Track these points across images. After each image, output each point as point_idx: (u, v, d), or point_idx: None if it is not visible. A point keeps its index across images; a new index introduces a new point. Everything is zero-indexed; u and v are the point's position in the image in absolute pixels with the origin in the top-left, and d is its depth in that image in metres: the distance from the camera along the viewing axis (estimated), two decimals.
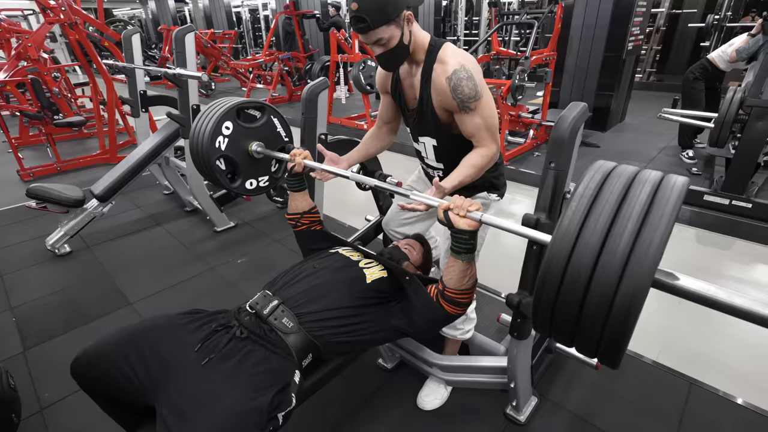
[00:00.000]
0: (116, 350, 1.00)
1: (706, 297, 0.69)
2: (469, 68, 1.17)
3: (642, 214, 0.66)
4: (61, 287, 2.30)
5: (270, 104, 1.60)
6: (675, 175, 0.72)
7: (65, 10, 3.63)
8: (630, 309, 0.64)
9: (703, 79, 3.66)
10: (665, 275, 0.71)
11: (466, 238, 1.05)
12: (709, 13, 6.11)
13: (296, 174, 1.43)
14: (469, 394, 1.59)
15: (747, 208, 2.68)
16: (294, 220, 1.48)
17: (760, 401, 1.53)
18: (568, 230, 0.69)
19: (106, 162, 4.32)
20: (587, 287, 0.67)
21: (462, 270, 1.10)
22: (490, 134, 1.24)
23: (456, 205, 1.04)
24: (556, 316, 0.73)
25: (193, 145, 1.50)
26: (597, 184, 0.73)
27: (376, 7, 1.10)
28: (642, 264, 0.64)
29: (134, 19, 15.93)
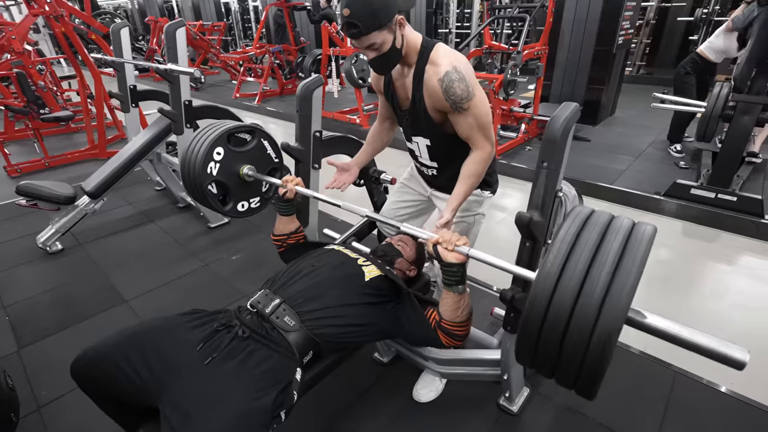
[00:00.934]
0: (117, 351, 1.00)
1: (671, 334, 0.77)
2: (460, 69, 1.18)
3: (616, 260, 0.74)
4: (54, 285, 2.29)
5: (259, 127, 1.64)
6: (644, 223, 0.81)
7: (50, 2, 3.55)
8: (605, 347, 0.71)
9: (694, 73, 3.70)
10: (636, 314, 0.78)
11: (454, 270, 1.09)
12: (697, 7, 6.16)
13: (287, 200, 1.45)
14: (463, 385, 1.63)
15: (732, 201, 2.75)
16: (280, 241, 1.50)
17: (743, 389, 1.59)
18: (550, 272, 0.76)
19: (95, 157, 4.27)
20: (567, 326, 0.74)
21: (455, 301, 1.14)
22: (484, 134, 1.26)
23: (444, 239, 1.07)
24: (538, 352, 0.80)
25: (185, 171, 1.53)
26: (576, 230, 0.81)
27: (368, 12, 1.11)
28: (616, 306, 0.71)
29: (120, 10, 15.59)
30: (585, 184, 3.30)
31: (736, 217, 2.71)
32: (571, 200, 1.23)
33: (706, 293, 2.27)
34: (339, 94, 6.47)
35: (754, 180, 3.23)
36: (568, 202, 1.21)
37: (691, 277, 2.41)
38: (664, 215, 2.98)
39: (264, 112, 6.21)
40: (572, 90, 4.84)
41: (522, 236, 1.10)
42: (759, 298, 2.19)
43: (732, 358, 0.71)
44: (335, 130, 4.93)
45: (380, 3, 1.12)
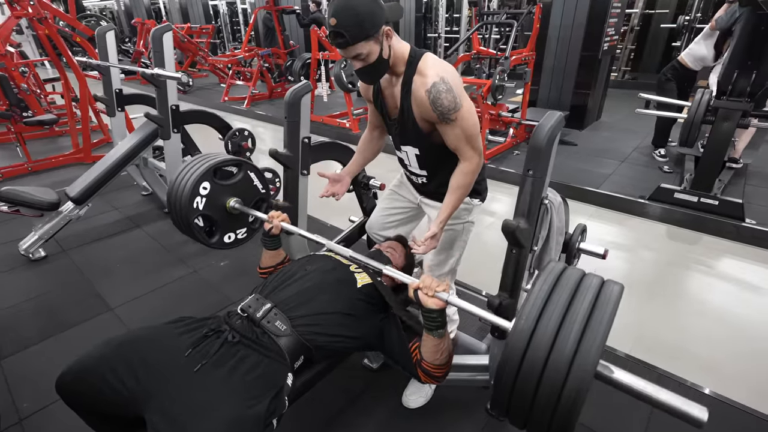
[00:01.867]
0: (103, 363, 0.98)
1: (635, 391, 0.82)
2: (447, 80, 1.18)
3: (585, 318, 0.80)
4: (37, 293, 2.24)
5: (246, 160, 1.65)
6: (612, 282, 0.87)
7: (34, 4, 3.50)
8: (575, 400, 0.75)
9: (674, 80, 3.79)
10: (604, 368, 0.83)
11: (434, 316, 1.09)
12: (680, 14, 6.31)
13: (273, 235, 1.44)
14: (452, 391, 1.63)
15: (714, 205, 2.81)
16: (266, 274, 1.49)
17: (725, 390, 1.62)
18: (524, 328, 0.81)
19: (79, 162, 4.19)
20: (539, 380, 0.78)
21: (435, 345, 1.13)
22: (471, 144, 1.26)
23: (425, 285, 1.08)
24: (512, 402, 0.83)
25: (171, 205, 1.54)
26: (549, 287, 0.86)
27: (354, 23, 1.11)
28: (586, 362, 0.75)
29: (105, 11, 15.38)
30: (571, 188, 3.34)
31: (717, 221, 2.78)
32: (557, 207, 1.25)
33: (690, 295, 2.32)
34: (328, 98, 6.46)
35: (735, 184, 3.32)
36: (553, 209, 1.23)
37: (675, 279, 2.45)
38: (648, 218, 3.04)
39: (252, 116, 6.17)
40: (559, 95, 4.91)
41: (509, 243, 1.12)
42: (740, 300, 2.24)
43: (691, 416, 0.76)
44: (325, 135, 4.94)
45: (367, 14, 1.12)
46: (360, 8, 1.11)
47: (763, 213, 2.81)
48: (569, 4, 4.49)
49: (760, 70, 2.68)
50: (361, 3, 1.11)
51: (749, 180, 3.42)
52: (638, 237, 2.90)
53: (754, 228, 2.65)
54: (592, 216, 3.14)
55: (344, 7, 1.11)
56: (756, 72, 2.68)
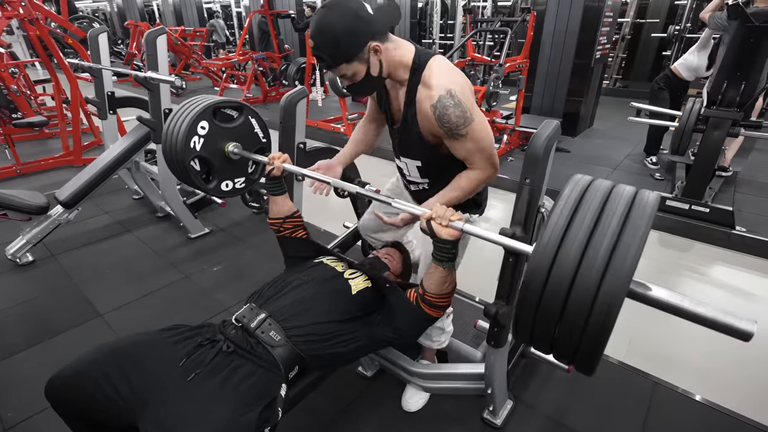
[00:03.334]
0: (95, 368, 0.96)
1: (674, 306, 0.74)
2: (455, 93, 1.08)
3: (618, 229, 0.71)
4: (24, 299, 2.20)
5: (248, 104, 1.56)
6: (647, 191, 0.77)
7: (25, 5, 3.45)
8: (607, 318, 0.69)
9: (667, 88, 3.84)
10: (639, 286, 0.75)
11: (448, 247, 1.07)
12: (670, 23, 6.42)
13: (275, 177, 1.40)
14: (448, 399, 1.62)
15: (705, 213, 2.84)
16: (276, 225, 1.45)
17: (717, 398, 1.63)
18: (550, 241, 0.74)
19: (69, 164, 4.13)
20: (567, 297, 0.71)
21: (443, 277, 1.13)
22: (485, 157, 1.18)
23: (438, 214, 1.04)
24: (536, 324, 0.77)
25: (167, 144, 1.45)
26: (576, 198, 0.77)
27: (332, 45, 1.06)
28: (618, 275, 0.68)
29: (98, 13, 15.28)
30: None
31: (708, 228, 2.81)
32: None
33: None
34: (323, 102, 6.45)
35: (725, 192, 3.36)
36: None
37: (668, 286, 2.46)
38: None
39: None
40: (552, 102, 4.96)
41: (505, 251, 1.11)
42: (731, 307, 2.26)
43: (738, 329, 0.69)
44: (319, 139, 4.93)
45: (345, 35, 1.04)
46: (338, 29, 1.04)
47: (753, 221, 2.85)
48: (562, 13, 4.55)
49: (749, 81, 2.72)
50: (340, 23, 1.03)
51: (739, 188, 3.47)
52: None
53: (744, 235, 2.68)
54: None
55: (321, 28, 1.05)
56: (745, 83, 2.73)
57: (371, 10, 1.08)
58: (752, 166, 3.89)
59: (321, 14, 1.06)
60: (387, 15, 1.14)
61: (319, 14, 1.06)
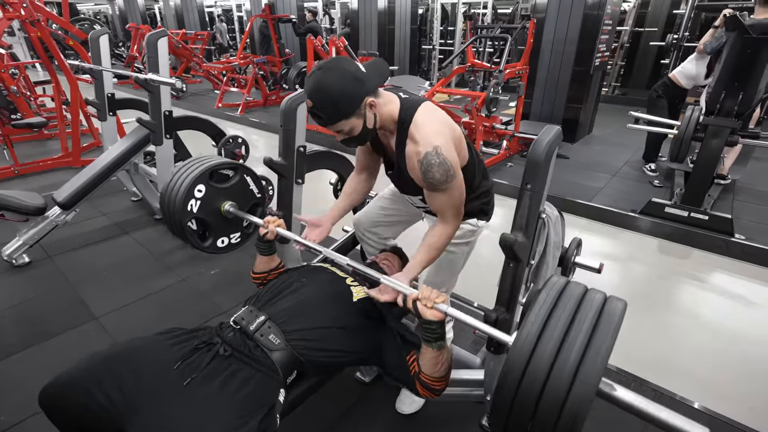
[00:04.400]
0: (89, 376, 0.94)
1: (637, 409, 0.83)
2: (441, 151, 1.11)
3: (588, 334, 0.78)
4: (20, 300, 2.18)
5: (243, 164, 1.62)
6: (615, 298, 0.86)
7: (26, 7, 3.46)
8: (576, 418, 0.73)
9: (665, 96, 3.86)
10: (606, 386, 0.83)
11: (433, 328, 1.07)
12: (668, 32, 6.46)
13: (267, 240, 1.40)
14: (445, 406, 1.61)
15: (704, 220, 2.85)
16: (260, 279, 1.46)
17: (716, 405, 1.62)
18: (526, 342, 0.80)
19: (68, 166, 4.12)
20: (540, 395, 0.76)
21: (434, 357, 1.11)
22: (454, 212, 1.23)
23: (423, 296, 1.05)
24: (511, 419, 0.81)
25: (165, 207, 1.51)
26: (552, 301, 0.84)
27: (330, 105, 1.08)
28: (588, 379, 0.74)
29: (100, 15, 15.34)
30: (564, 200, 3.36)
31: (707, 236, 2.81)
32: (554, 221, 1.25)
33: (681, 310, 2.33)
34: None
35: (724, 199, 3.37)
36: (550, 223, 1.22)
37: (667, 293, 2.47)
38: (639, 232, 3.06)
39: (246, 123, 6.15)
40: (552, 108, 4.98)
41: (506, 257, 1.11)
42: (730, 315, 2.25)
43: None
44: (319, 143, 4.92)
45: (342, 94, 1.07)
46: (334, 90, 1.06)
47: (752, 228, 2.85)
48: (562, 20, 4.58)
49: (747, 91, 2.74)
50: (336, 84, 1.06)
51: (737, 195, 3.48)
52: (630, 250, 2.92)
53: (743, 243, 2.68)
54: (584, 229, 3.16)
55: (318, 89, 1.07)
56: (742, 93, 2.75)
57: (364, 69, 1.12)
58: (750, 174, 3.91)
59: (318, 76, 1.08)
60: (378, 72, 1.18)
61: (316, 76, 1.08)
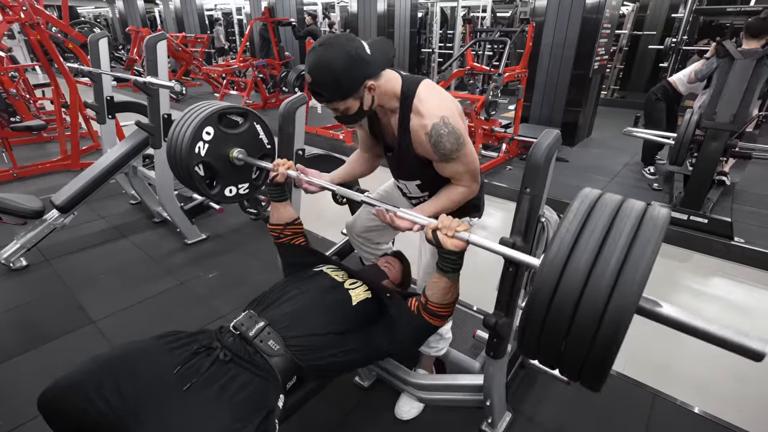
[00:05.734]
0: (88, 381, 0.93)
1: (685, 324, 0.73)
2: (449, 120, 1.11)
3: (627, 244, 0.70)
4: (17, 304, 2.16)
5: (253, 110, 1.57)
6: (658, 205, 0.76)
7: (26, 10, 3.46)
8: (615, 334, 0.68)
9: (664, 99, 3.86)
10: (648, 302, 0.74)
11: (453, 258, 1.07)
12: (667, 36, 6.49)
13: (278, 184, 1.39)
14: (446, 410, 1.60)
15: (703, 223, 2.84)
16: (276, 231, 1.43)
17: (715, 410, 1.62)
18: (558, 255, 0.73)
19: (67, 168, 4.11)
20: (575, 311, 0.70)
21: (447, 287, 1.12)
22: (471, 176, 1.23)
23: (444, 225, 1.04)
24: (543, 338, 0.76)
25: (171, 149, 1.45)
26: (585, 212, 0.76)
27: (331, 82, 1.06)
28: (628, 290, 0.67)
29: (100, 18, 15.37)
30: (563, 203, 3.34)
31: (707, 239, 2.80)
32: (553, 225, 1.24)
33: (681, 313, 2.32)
34: (322, 109, 6.48)
35: (723, 203, 3.37)
36: (550, 226, 1.22)
37: (667, 297, 2.45)
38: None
39: None
40: (551, 112, 4.98)
41: (505, 261, 1.10)
42: (731, 319, 2.25)
43: (750, 349, 0.67)
44: (318, 146, 4.93)
45: (345, 72, 1.05)
46: (337, 67, 1.04)
47: (752, 232, 2.85)
48: (561, 24, 4.59)
49: (738, 114, 2.83)
50: (339, 60, 1.04)
51: (736, 199, 3.48)
52: None
53: (743, 247, 2.68)
54: None
55: (319, 65, 1.05)
56: (734, 117, 2.84)
57: (369, 50, 1.10)
58: (749, 177, 3.90)
59: (320, 51, 1.06)
60: (383, 54, 1.18)
61: (318, 51, 1.06)
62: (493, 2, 8.29)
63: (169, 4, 11.57)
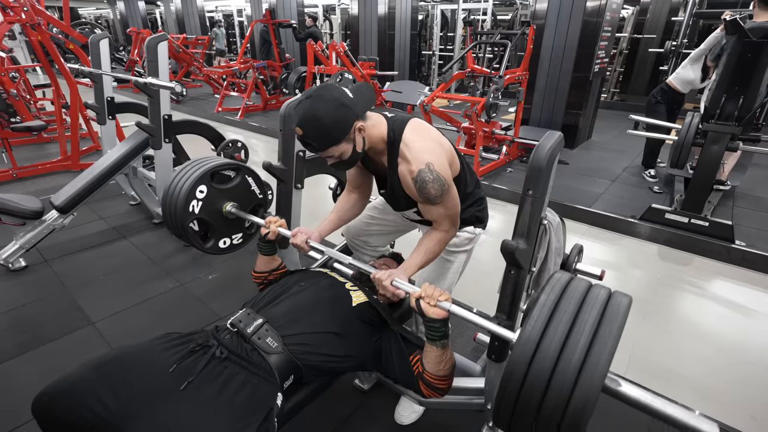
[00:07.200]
0: (82, 385, 0.92)
1: (643, 404, 0.81)
2: (434, 167, 1.13)
3: (593, 329, 0.77)
4: (15, 305, 2.15)
5: (244, 164, 1.62)
6: (620, 294, 0.85)
7: (27, 10, 3.46)
8: (582, 414, 0.72)
9: (663, 101, 3.86)
10: (612, 381, 0.82)
11: (437, 326, 1.07)
12: (667, 39, 6.50)
13: (269, 240, 1.40)
14: (446, 414, 1.59)
15: (704, 227, 2.84)
16: (260, 278, 1.45)
17: (715, 413, 1.61)
18: (531, 337, 0.79)
19: (67, 169, 4.11)
20: (545, 392, 0.75)
21: (438, 356, 1.11)
22: (451, 222, 1.25)
23: (426, 294, 1.05)
24: (516, 415, 0.80)
25: (166, 208, 1.50)
26: (555, 298, 0.83)
27: (321, 133, 1.09)
28: (594, 374, 0.73)
29: (101, 20, 15.40)
30: (564, 206, 3.36)
31: (708, 242, 2.80)
32: (555, 227, 1.24)
33: (682, 317, 2.31)
34: None
35: (724, 206, 3.37)
36: (552, 229, 1.21)
37: (668, 300, 2.45)
38: (640, 238, 3.05)
39: (246, 127, 6.15)
40: (551, 114, 4.98)
41: (507, 264, 1.09)
42: (731, 322, 2.24)
43: None
44: None
45: (333, 122, 1.08)
46: (325, 118, 1.08)
47: (752, 235, 2.84)
48: (561, 27, 4.60)
49: (747, 95, 2.74)
50: (326, 111, 1.08)
51: (737, 202, 3.47)
52: (630, 257, 2.90)
53: (744, 250, 2.67)
54: (584, 235, 3.15)
55: (308, 118, 1.08)
56: (743, 97, 2.75)
57: (351, 95, 1.13)
58: (750, 180, 3.91)
59: (307, 105, 1.09)
60: (365, 97, 1.19)
61: (304, 105, 1.10)
62: (493, 5, 8.31)
63: (170, 5, 11.59)
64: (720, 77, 2.81)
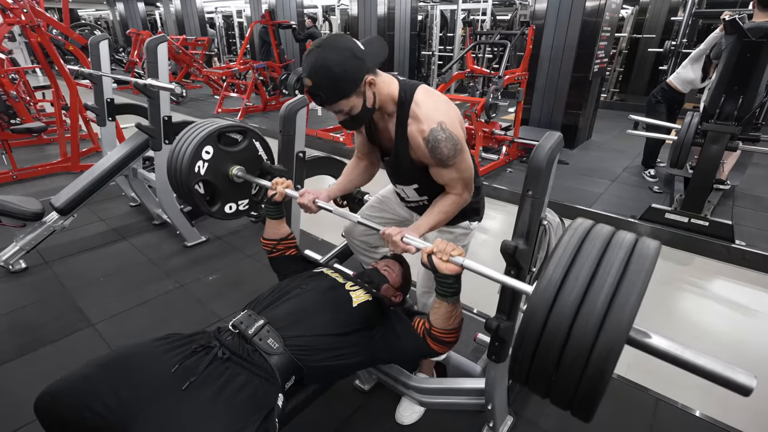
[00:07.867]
0: (84, 384, 0.92)
1: (674, 356, 0.75)
2: (446, 125, 1.11)
3: (618, 275, 0.71)
4: (15, 307, 2.15)
5: (252, 128, 1.59)
6: (648, 238, 0.78)
7: (27, 12, 3.46)
8: (605, 365, 0.68)
9: (664, 101, 3.86)
10: (638, 333, 0.75)
11: (449, 282, 1.07)
12: (666, 39, 6.50)
13: (276, 202, 1.40)
14: (447, 414, 1.59)
15: (704, 226, 2.84)
16: (270, 246, 1.45)
17: (717, 413, 1.61)
18: (549, 284, 0.73)
19: (67, 171, 4.11)
20: (565, 341, 0.71)
21: (448, 311, 1.12)
22: (465, 184, 1.23)
23: (439, 249, 1.04)
24: (533, 368, 0.76)
25: (171, 169, 1.47)
26: (577, 242, 0.77)
27: (330, 84, 1.06)
28: (618, 323, 0.68)
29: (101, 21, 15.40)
30: (564, 206, 3.36)
31: (708, 242, 2.80)
32: (555, 228, 1.24)
33: (683, 317, 2.32)
34: (323, 112, 6.48)
35: (724, 205, 3.37)
36: (552, 229, 1.21)
37: (668, 300, 2.45)
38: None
39: None
40: (551, 114, 4.99)
41: (507, 264, 1.09)
42: (732, 322, 2.24)
43: (737, 383, 0.68)
44: (319, 148, 4.93)
45: (343, 72, 1.05)
46: (335, 67, 1.04)
47: (752, 234, 2.84)
48: (561, 27, 4.60)
49: (746, 95, 2.74)
50: (337, 61, 1.05)
51: (737, 202, 3.47)
52: None
53: (744, 249, 2.67)
54: None
55: (318, 68, 1.05)
56: (742, 97, 2.75)
57: (362, 47, 1.11)
58: (750, 180, 3.90)
59: (316, 54, 1.06)
60: (377, 50, 1.17)
61: (313, 54, 1.06)
62: (492, 5, 8.32)
63: (170, 6, 11.59)
64: (719, 77, 2.81)
